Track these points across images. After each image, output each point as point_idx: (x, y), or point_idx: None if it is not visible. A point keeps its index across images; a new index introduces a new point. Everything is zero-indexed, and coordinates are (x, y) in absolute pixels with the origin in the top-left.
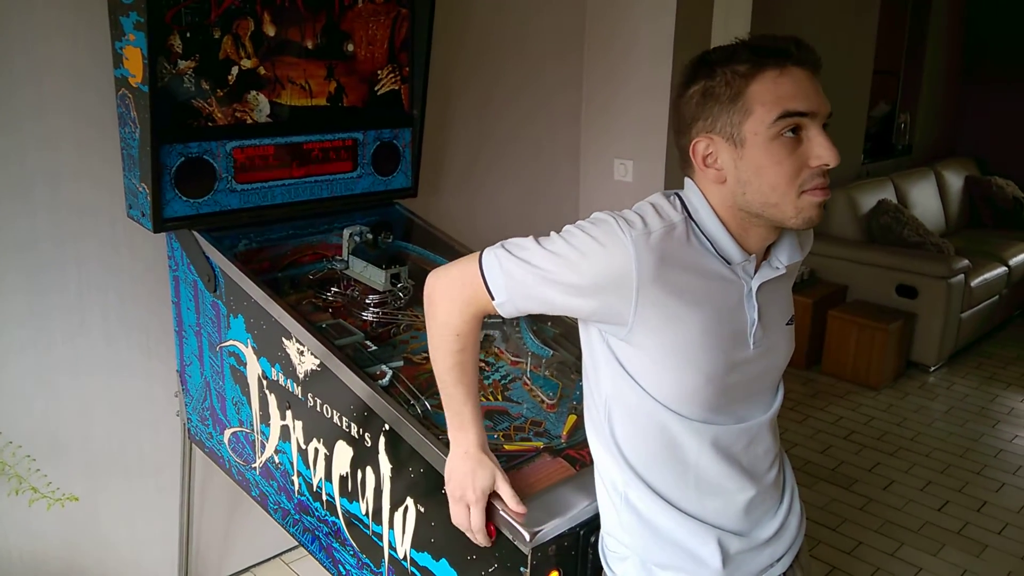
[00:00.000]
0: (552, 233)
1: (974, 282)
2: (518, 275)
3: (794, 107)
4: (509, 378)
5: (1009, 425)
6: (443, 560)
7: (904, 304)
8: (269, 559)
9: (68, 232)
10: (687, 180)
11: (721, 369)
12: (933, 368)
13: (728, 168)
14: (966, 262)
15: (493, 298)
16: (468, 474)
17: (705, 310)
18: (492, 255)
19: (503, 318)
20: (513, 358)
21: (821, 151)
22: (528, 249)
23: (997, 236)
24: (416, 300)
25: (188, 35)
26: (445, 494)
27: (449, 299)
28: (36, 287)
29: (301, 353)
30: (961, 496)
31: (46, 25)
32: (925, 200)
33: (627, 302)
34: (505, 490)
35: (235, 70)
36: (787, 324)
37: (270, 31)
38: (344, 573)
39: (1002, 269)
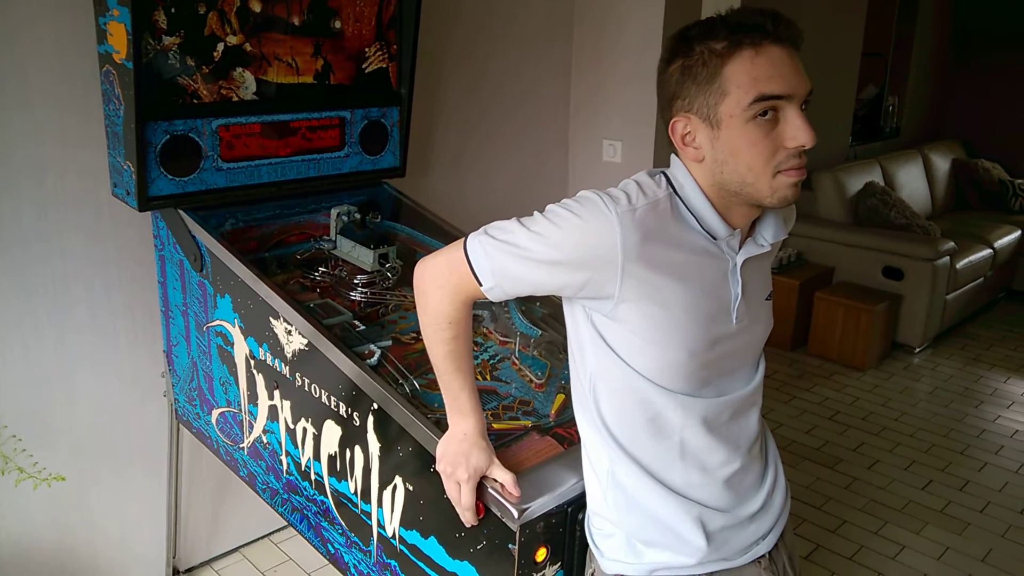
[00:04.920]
0: (536, 213)
1: (959, 264)
2: (503, 259)
3: (770, 90)
4: (498, 358)
5: (992, 405)
6: (432, 538)
7: (890, 286)
8: (258, 539)
9: (53, 209)
10: (672, 157)
11: (704, 343)
12: (918, 349)
13: (705, 147)
14: (952, 244)
15: (481, 284)
16: (463, 454)
17: (689, 285)
18: (476, 241)
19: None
20: (502, 338)
21: (797, 132)
22: (512, 232)
23: (983, 218)
24: (404, 280)
25: (173, 11)
26: (434, 472)
27: (438, 288)
28: (20, 265)
29: (289, 333)
30: (944, 475)
31: (30, 12)
32: (912, 182)
33: (612, 278)
34: (502, 475)
35: (221, 47)
36: (766, 299)
37: (256, 7)
38: (333, 552)
39: (987, 251)
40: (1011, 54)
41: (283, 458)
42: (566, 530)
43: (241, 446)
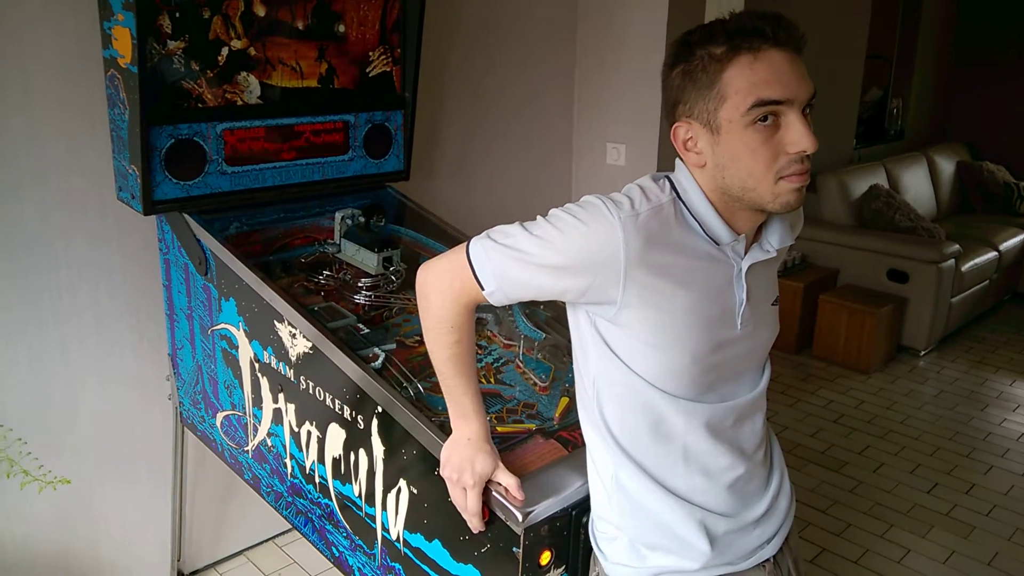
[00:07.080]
0: (538, 217)
1: (964, 267)
2: (506, 263)
3: (768, 95)
4: (502, 361)
5: (998, 408)
6: (436, 541)
7: (895, 288)
8: (262, 542)
9: (57, 212)
10: (677, 161)
11: (707, 348)
12: (923, 352)
13: (707, 153)
14: (957, 247)
15: (483, 288)
16: (467, 459)
17: (692, 290)
18: (479, 245)
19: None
20: (506, 341)
21: (798, 138)
22: (514, 236)
23: (988, 221)
24: (408, 284)
25: (177, 15)
26: (439, 475)
27: (440, 292)
28: (24, 269)
29: (293, 336)
30: (950, 479)
31: (33, 15)
32: (917, 185)
33: (615, 282)
34: (506, 479)
35: (225, 51)
36: (772, 305)
37: (260, 11)
38: (337, 555)
39: (992, 254)
40: (1016, 56)
41: (287, 461)
42: (570, 533)
43: (245, 449)
